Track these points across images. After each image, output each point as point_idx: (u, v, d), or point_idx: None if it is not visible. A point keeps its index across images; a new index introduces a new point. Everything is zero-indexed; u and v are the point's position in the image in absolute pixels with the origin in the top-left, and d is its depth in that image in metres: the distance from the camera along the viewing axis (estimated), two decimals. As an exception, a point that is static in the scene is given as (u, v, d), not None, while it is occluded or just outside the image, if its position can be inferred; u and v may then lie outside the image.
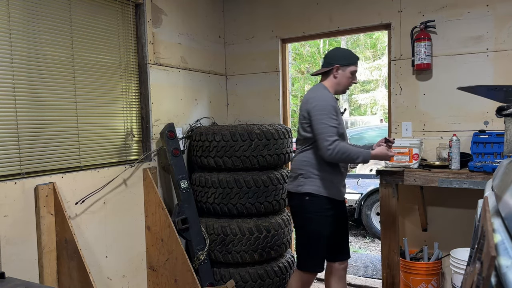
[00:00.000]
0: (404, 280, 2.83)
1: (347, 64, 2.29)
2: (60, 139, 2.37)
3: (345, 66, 2.29)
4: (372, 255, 4.47)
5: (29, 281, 1.63)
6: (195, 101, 3.38)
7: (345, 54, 2.31)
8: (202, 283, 2.83)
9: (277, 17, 3.50)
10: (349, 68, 2.29)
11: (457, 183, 2.45)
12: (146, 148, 2.92)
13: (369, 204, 5.16)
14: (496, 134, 2.57)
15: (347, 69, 2.29)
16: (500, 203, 0.90)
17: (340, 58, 2.29)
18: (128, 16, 2.83)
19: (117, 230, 2.66)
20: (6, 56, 2.10)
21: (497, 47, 2.68)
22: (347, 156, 2.15)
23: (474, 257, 0.85)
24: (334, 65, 2.29)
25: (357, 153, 2.18)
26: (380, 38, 14.68)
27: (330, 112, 2.18)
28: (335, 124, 2.18)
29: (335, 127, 2.17)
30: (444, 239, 2.93)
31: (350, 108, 16.61)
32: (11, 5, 2.11)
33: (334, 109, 2.21)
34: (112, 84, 2.70)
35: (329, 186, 2.27)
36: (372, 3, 3.07)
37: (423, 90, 2.93)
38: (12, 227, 2.08)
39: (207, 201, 2.98)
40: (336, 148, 2.13)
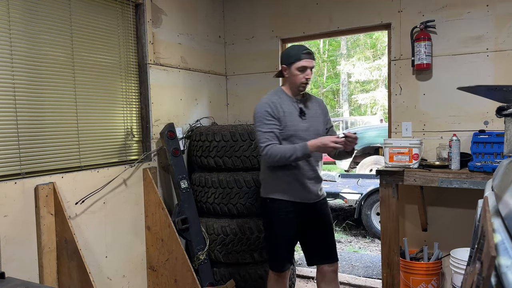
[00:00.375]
0: (404, 280, 2.83)
1: (291, 62, 2.23)
2: (60, 139, 2.37)
3: (290, 65, 2.24)
4: (372, 255, 4.47)
5: (29, 281, 1.63)
6: (195, 101, 3.38)
7: (288, 53, 2.26)
8: (202, 283, 2.83)
9: (277, 17, 3.50)
10: (293, 65, 2.22)
11: (457, 183, 2.45)
12: (146, 148, 2.92)
13: (369, 204, 5.16)
14: (496, 134, 2.57)
15: (292, 67, 2.23)
16: (500, 203, 0.90)
17: (284, 58, 2.28)
18: (128, 16, 2.83)
19: (117, 230, 2.66)
20: (6, 56, 2.10)
21: (497, 47, 2.68)
22: (280, 157, 2.13)
23: (474, 257, 0.85)
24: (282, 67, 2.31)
25: (291, 150, 2.12)
26: (380, 38, 14.68)
27: (263, 118, 2.21)
28: (268, 129, 2.18)
29: (270, 132, 2.18)
30: (444, 239, 2.93)
31: (350, 108, 16.62)
32: (11, 5, 2.11)
33: (267, 113, 2.20)
34: (112, 84, 2.70)
35: (287, 189, 2.26)
36: (372, 3, 3.07)
37: (423, 90, 2.93)
38: (12, 227, 2.08)
39: (207, 201, 2.98)
40: (268, 153, 2.15)
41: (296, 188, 2.27)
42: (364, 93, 15.73)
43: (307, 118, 2.29)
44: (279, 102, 2.26)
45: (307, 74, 2.23)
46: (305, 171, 2.27)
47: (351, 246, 4.89)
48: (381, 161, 8.19)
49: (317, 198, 2.34)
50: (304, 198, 2.29)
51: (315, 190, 2.32)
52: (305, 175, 2.27)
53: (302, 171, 2.26)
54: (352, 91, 16.66)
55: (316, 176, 2.32)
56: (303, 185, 2.28)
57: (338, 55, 16.50)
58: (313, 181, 2.31)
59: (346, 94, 16.37)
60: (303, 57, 2.21)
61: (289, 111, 2.26)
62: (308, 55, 2.22)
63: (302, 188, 2.27)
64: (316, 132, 2.29)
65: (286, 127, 2.23)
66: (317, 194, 2.33)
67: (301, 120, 2.26)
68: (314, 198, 2.33)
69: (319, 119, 2.36)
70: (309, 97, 2.40)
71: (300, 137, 2.23)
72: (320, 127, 2.34)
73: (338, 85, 16.94)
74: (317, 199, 2.34)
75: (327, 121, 2.42)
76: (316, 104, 2.39)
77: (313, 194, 2.32)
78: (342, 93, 16.48)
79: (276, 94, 2.32)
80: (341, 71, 16.23)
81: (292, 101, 2.30)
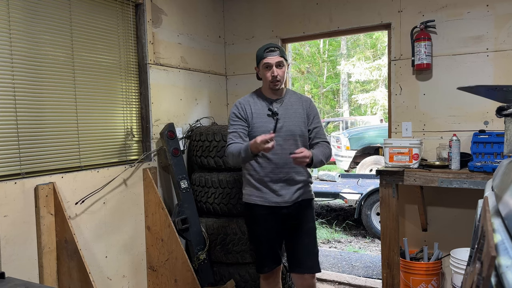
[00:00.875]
0: (404, 280, 2.83)
1: (258, 62, 2.22)
2: (60, 139, 2.37)
3: (258, 65, 2.23)
4: (372, 255, 4.47)
5: (29, 281, 1.63)
6: (195, 101, 3.38)
7: (256, 53, 2.24)
8: (202, 283, 2.83)
9: (277, 17, 3.50)
10: (260, 64, 2.20)
11: (457, 183, 2.45)
12: (146, 148, 2.92)
13: (369, 204, 5.16)
14: (496, 134, 2.56)
15: (260, 67, 2.21)
16: (500, 203, 0.90)
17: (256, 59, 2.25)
18: (128, 16, 2.83)
19: (117, 230, 2.66)
20: (6, 56, 2.09)
21: (497, 47, 2.68)
22: (232, 156, 2.12)
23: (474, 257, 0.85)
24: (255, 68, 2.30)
25: (238, 149, 2.08)
26: (380, 38, 14.68)
27: (230, 119, 2.25)
28: (233, 129, 2.20)
29: (233, 131, 2.19)
30: (444, 239, 2.93)
31: (350, 108, 16.62)
32: (11, 5, 2.11)
33: (234, 115, 2.23)
34: (112, 84, 2.70)
35: (255, 192, 2.23)
36: (372, 3, 3.07)
37: (423, 90, 2.93)
38: (12, 227, 2.08)
39: (207, 201, 2.98)
40: (227, 152, 2.18)
41: (263, 191, 2.21)
42: (364, 93, 15.73)
43: (281, 118, 2.18)
44: (250, 103, 2.24)
45: (272, 72, 2.15)
46: (272, 173, 2.19)
47: (351, 246, 4.89)
48: (381, 161, 8.19)
49: (290, 202, 2.21)
50: (272, 201, 2.21)
51: (285, 194, 2.20)
52: (272, 177, 2.19)
53: (268, 173, 2.19)
54: (352, 91, 16.66)
55: (287, 178, 2.20)
56: (269, 188, 2.20)
57: (338, 55, 16.50)
58: (282, 184, 2.20)
59: (346, 94, 16.37)
60: (265, 55, 2.16)
61: (259, 111, 2.22)
62: (270, 52, 2.16)
63: (269, 191, 2.20)
64: (290, 133, 2.19)
65: (253, 128, 2.19)
66: (289, 197, 2.21)
67: (272, 120, 2.17)
68: (285, 202, 2.21)
69: (297, 119, 2.24)
70: (291, 96, 2.31)
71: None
72: (297, 128, 2.22)
73: (338, 85, 16.94)
74: (290, 203, 2.21)
75: (311, 122, 2.29)
76: (298, 104, 2.28)
77: (283, 197, 2.20)
78: (342, 93, 16.47)
79: (251, 95, 2.31)
80: (341, 71, 16.23)
81: (266, 101, 2.25)
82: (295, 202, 2.23)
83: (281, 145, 2.16)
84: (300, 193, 2.25)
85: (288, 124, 2.20)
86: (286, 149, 2.16)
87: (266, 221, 2.25)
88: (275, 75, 2.16)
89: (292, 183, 2.21)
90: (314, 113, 2.31)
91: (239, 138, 2.18)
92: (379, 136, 8.80)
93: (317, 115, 2.33)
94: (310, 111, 2.30)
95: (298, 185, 2.23)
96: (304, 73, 16.92)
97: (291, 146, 2.17)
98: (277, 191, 2.20)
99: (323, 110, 17.53)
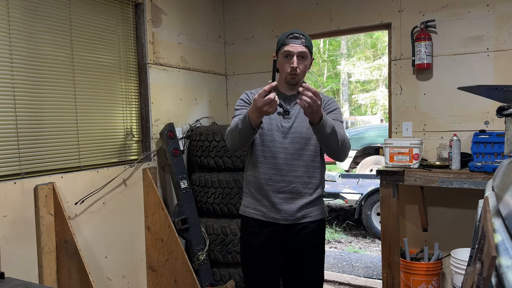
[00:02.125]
0: (405, 280, 2.83)
1: (278, 49, 1.84)
2: (60, 139, 2.37)
3: (277, 52, 1.84)
4: (372, 255, 4.47)
5: (28, 281, 1.63)
6: (195, 101, 3.38)
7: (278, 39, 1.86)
8: (202, 283, 2.83)
9: (277, 16, 3.49)
10: (279, 52, 1.81)
11: (457, 183, 2.45)
12: (146, 148, 2.92)
13: (370, 204, 5.15)
14: (496, 134, 2.56)
15: (279, 55, 1.82)
16: (501, 203, 0.90)
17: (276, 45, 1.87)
18: (128, 16, 2.82)
19: (117, 230, 2.66)
20: (5, 56, 2.09)
21: (497, 47, 2.68)
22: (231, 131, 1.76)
23: (474, 257, 0.85)
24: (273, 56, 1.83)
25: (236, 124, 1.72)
26: (381, 38, 14.68)
27: (237, 105, 1.92)
28: (237, 113, 1.87)
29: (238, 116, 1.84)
30: (445, 239, 2.92)
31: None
32: (11, 5, 2.11)
33: (241, 101, 1.91)
34: (111, 84, 2.70)
35: (252, 203, 1.87)
36: (372, 2, 3.06)
37: (423, 90, 2.93)
38: (12, 227, 2.08)
39: (207, 201, 2.98)
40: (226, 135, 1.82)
41: (261, 203, 1.84)
42: (364, 93, 15.74)
43: (291, 118, 1.85)
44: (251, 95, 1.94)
45: (292, 62, 1.76)
46: (272, 180, 1.80)
47: (351, 246, 4.89)
48: (381, 161, 8.19)
49: (291, 221, 1.80)
50: (270, 216, 1.82)
51: (287, 209, 1.80)
52: (272, 186, 1.80)
53: (268, 180, 1.81)
54: (352, 91, 16.67)
55: (291, 189, 1.80)
56: (269, 199, 1.82)
57: (338, 55, 16.50)
58: (285, 195, 1.80)
59: (346, 94, 16.38)
60: (288, 41, 1.78)
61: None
62: (295, 39, 1.77)
63: (268, 203, 1.82)
64: (299, 135, 1.82)
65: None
66: (291, 214, 1.80)
67: (281, 119, 1.85)
68: (285, 220, 1.81)
69: None
70: None
71: (273, 137, 1.83)
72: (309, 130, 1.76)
73: (338, 85, 16.94)
74: (291, 222, 1.81)
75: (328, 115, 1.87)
76: None
77: (283, 214, 1.80)
78: (342, 93, 16.48)
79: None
80: (341, 71, 16.23)
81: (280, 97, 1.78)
82: (298, 220, 1.82)
83: (286, 148, 1.81)
84: (307, 212, 1.83)
85: (298, 126, 1.83)
86: (291, 153, 1.80)
87: (260, 240, 1.85)
88: (294, 66, 1.76)
89: (297, 196, 1.81)
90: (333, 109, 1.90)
91: None
92: (380, 136, 8.79)
93: (336, 112, 1.90)
94: (328, 108, 1.90)
95: (305, 199, 1.82)
96: (304, 73, 16.90)
97: (297, 151, 1.81)
98: (277, 205, 1.80)
99: (323, 110, 17.50)
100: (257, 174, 1.85)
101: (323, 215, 1.89)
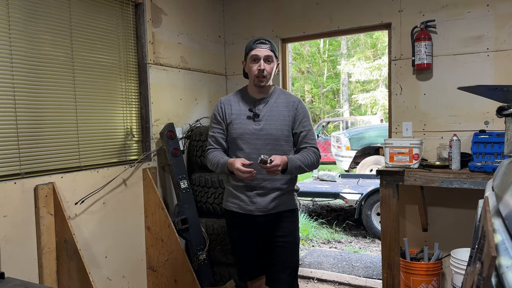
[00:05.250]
0: (405, 280, 2.83)
1: (245, 55, 2.06)
2: (60, 139, 2.37)
3: (245, 58, 2.06)
4: (372, 255, 4.47)
5: (29, 281, 1.63)
6: (195, 101, 3.38)
7: (245, 46, 2.08)
8: (202, 283, 2.83)
9: (277, 16, 3.49)
10: (247, 57, 2.04)
11: (457, 183, 2.45)
12: (146, 148, 2.92)
13: (370, 204, 5.15)
14: (496, 134, 2.56)
15: (247, 58, 2.04)
16: (501, 203, 0.90)
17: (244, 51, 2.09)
18: (128, 16, 2.82)
19: (117, 230, 2.66)
20: (6, 56, 2.09)
21: (497, 47, 2.68)
22: (212, 165, 2.08)
23: (474, 257, 0.85)
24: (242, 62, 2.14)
25: (215, 163, 2.05)
26: (380, 38, 14.68)
27: (212, 120, 2.17)
28: (212, 133, 2.14)
29: (212, 136, 2.14)
30: (445, 239, 2.92)
31: (350, 108, 16.62)
32: (11, 5, 2.11)
33: (214, 116, 2.15)
34: (111, 84, 2.70)
35: (231, 198, 2.12)
36: (372, 2, 3.06)
37: (423, 90, 2.93)
38: (12, 227, 2.08)
39: (207, 201, 2.98)
40: (206, 158, 2.15)
41: (239, 198, 2.08)
42: (364, 93, 15.73)
43: (262, 120, 2.04)
44: (231, 102, 2.12)
45: (259, 65, 1.97)
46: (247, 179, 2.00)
47: (351, 246, 4.89)
48: (381, 161, 8.19)
49: (265, 211, 2.05)
50: (247, 209, 2.06)
51: (260, 201, 2.04)
52: (247, 184, 2.04)
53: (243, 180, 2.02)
54: (352, 91, 16.66)
55: (262, 185, 2.03)
56: (245, 195, 2.06)
57: (338, 55, 16.50)
58: (258, 191, 2.04)
59: (346, 94, 16.38)
60: (254, 46, 2.00)
61: (239, 112, 2.08)
62: (261, 44, 1.99)
63: (245, 197, 2.06)
64: (270, 136, 2.03)
65: (232, 129, 2.07)
66: (265, 205, 2.04)
67: (252, 122, 2.04)
68: (259, 211, 2.05)
69: (280, 121, 2.05)
70: (278, 96, 2.11)
71: (246, 141, 2.04)
72: (278, 131, 2.04)
73: (338, 85, 16.94)
74: (265, 212, 2.05)
75: (298, 126, 2.08)
76: (285, 105, 2.08)
77: (258, 206, 2.04)
78: (342, 93, 16.48)
79: (235, 93, 2.18)
80: (341, 71, 16.23)
81: (249, 100, 2.09)
82: (272, 212, 2.06)
83: (259, 149, 2.01)
84: (278, 203, 2.07)
85: (269, 127, 2.03)
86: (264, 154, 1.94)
87: (242, 229, 2.14)
88: (261, 68, 1.97)
89: (268, 191, 2.05)
90: (302, 116, 2.10)
91: (216, 144, 2.13)
92: (380, 136, 8.80)
93: (306, 118, 2.11)
94: (297, 113, 2.09)
95: (275, 193, 2.06)
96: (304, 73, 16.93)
97: (270, 151, 1.99)
98: (252, 198, 2.05)
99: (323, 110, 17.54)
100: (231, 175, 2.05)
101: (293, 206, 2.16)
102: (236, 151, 2.08)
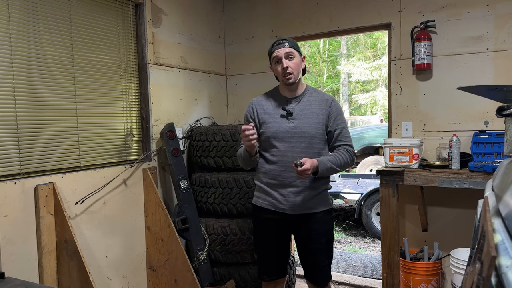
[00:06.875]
0: (404, 280, 2.83)
1: (270, 60, 2.15)
2: (60, 139, 2.37)
3: (271, 62, 2.15)
4: (372, 255, 4.47)
5: (29, 281, 1.63)
6: (195, 101, 3.38)
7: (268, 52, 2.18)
8: (202, 283, 2.83)
9: (277, 16, 3.49)
10: (271, 60, 2.13)
11: (457, 183, 2.45)
12: (146, 148, 2.92)
13: (369, 204, 5.15)
14: (496, 134, 2.56)
15: (272, 63, 2.14)
16: (500, 203, 0.90)
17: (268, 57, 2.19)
18: (128, 16, 2.82)
19: (117, 230, 2.66)
20: (6, 56, 2.09)
21: (497, 47, 2.68)
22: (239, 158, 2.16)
23: (474, 257, 0.85)
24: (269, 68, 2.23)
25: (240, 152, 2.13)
26: (380, 38, 14.68)
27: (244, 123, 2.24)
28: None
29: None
30: (444, 239, 2.93)
31: (350, 108, 16.62)
32: (11, 5, 2.11)
33: (246, 118, 2.24)
34: (112, 84, 2.70)
35: (262, 195, 2.14)
36: (372, 3, 3.07)
37: (423, 90, 2.93)
38: (12, 227, 2.08)
39: (207, 201, 2.98)
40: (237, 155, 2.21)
41: (272, 195, 2.08)
42: (364, 93, 15.73)
43: (295, 118, 2.06)
44: (263, 103, 2.17)
45: (282, 64, 2.04)
46: (281, 177, 2.05)
47: (351, 246, 4.89)
48: (381, 161, 8.19)
49: (298, 211, 2.05)
50: (279, 208, 2.07)
51: (294, 201, 2.04)
52: (281, 181, 2.05)
53: (277, 177, 2.06)
54: (352, 91, 16.66)
55: (297, 183, 2.03)
56: (278, 192, 2.07)
57: (338, 55, 16.50)
58: (292, 189, 2.04)
59: (346, 94, 16.37)
60: (273, 49, 2.09)
61: (272, 111, 2.12)
62: (278, 45, 2.07)
63: (278, 195, 2.07)
64: (304, 134, 2.04)
65: (266, 128, 2.09)
66: (299, 205, 2.04)
67: (286, 121, 2.06)
68: (292, 210, 2.05)
69: (314, 120, 2.06)
70: (311, 94, 2.14)
71: (280, 139, 2.05)
72: (312, 129, 2.05)
73: (338, 85, 16.94)
74: (298, 212, 2.05)
75: (332, 124, 2.09)
76: (318, 103, 2.10)
77: (291, 205, 2.05)
78: (342, 93, 16.47)
79: (267, 93, 2.23)
80: (341, 71, 16.23)
81: (281, 100, 2.13)
82: (305, 212, 2.06)
83: (293, 147, 2.03)
84: (314, 203, 2.07)
85: (302, 125, 2.04)
86: (298, 152, 2.02)
87: (271, 227, 2.12)
88: (285, 66, 2.02)
89: (303, 189, 2.04)
90: (336, 114, 2.11)
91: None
92: (379, 136, 8.80)
93: (339, 116, 2.13)
94: (331, 111, 2.10)
95: (310, 192, 2.05)
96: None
97: (304, 149, 2.03)
98: (286, 197, 2.05)
99: (323, 110, 17.48)
100: (267, 172, 2.09)
101: (327, 206, 2.14)
102: (270, 148, 2.09)
